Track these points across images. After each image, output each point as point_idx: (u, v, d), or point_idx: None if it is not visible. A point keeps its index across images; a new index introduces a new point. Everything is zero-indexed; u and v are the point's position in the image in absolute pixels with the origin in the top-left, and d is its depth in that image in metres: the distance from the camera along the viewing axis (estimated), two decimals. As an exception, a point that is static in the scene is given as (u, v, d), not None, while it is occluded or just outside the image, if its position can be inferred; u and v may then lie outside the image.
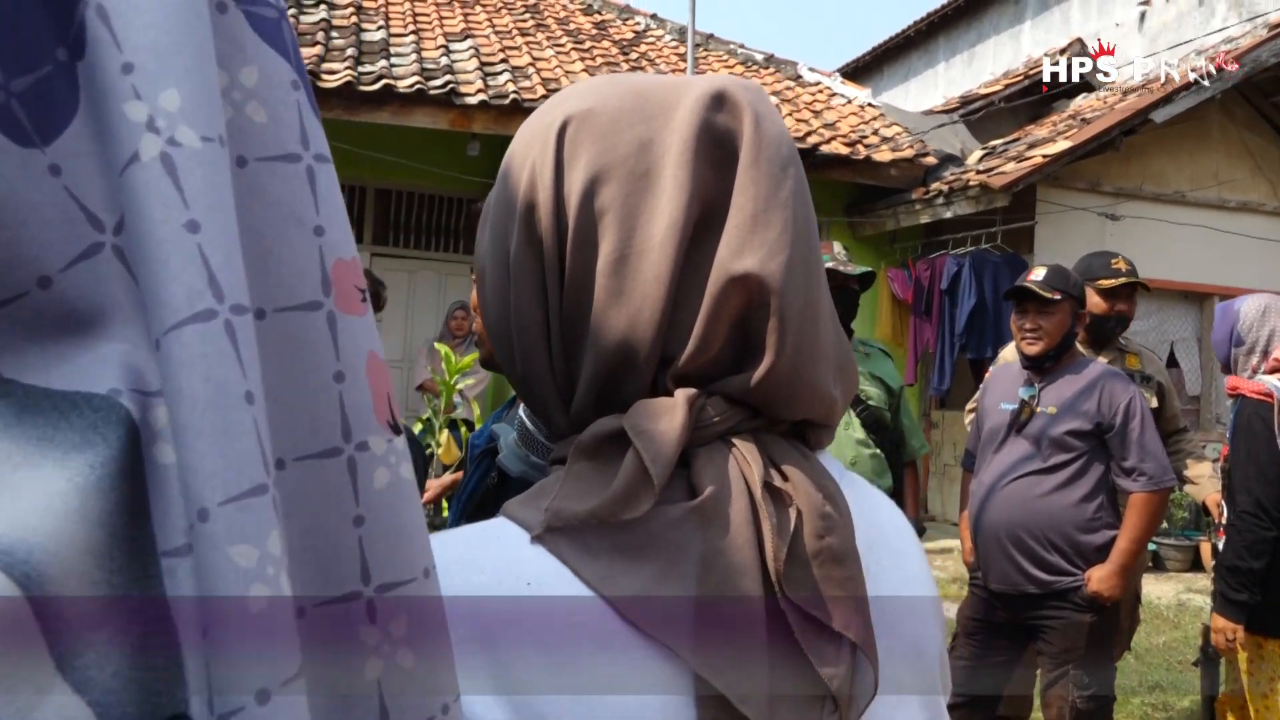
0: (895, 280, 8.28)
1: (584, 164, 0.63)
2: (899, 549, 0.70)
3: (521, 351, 0.65)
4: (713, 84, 0.64)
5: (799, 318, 0.62)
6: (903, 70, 17.02)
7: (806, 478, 0.61)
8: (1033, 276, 3.22)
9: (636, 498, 0.56)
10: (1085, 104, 9.30)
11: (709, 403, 0.61)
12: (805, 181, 0.66)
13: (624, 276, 0.61)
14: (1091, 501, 3.10)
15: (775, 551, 0.57)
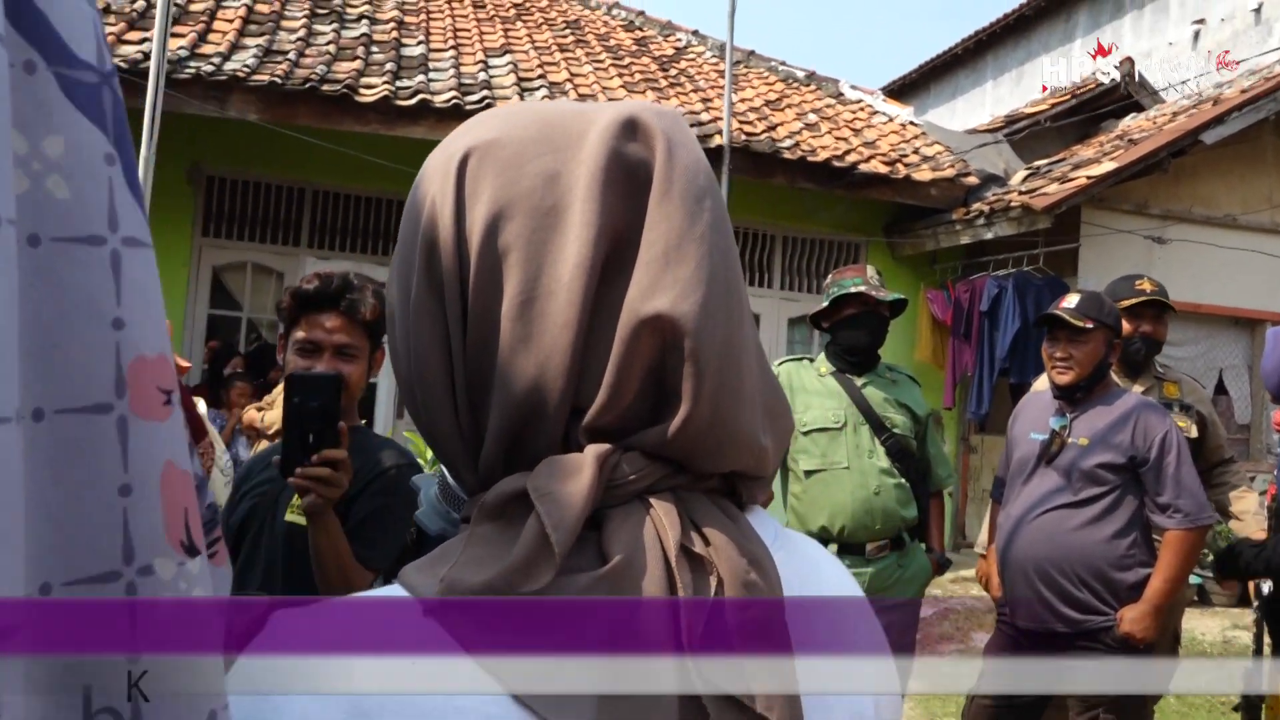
0: (935, 302, 8.14)
1: (486, 199, 0.58)
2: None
3: (425, 403, 0.60)
4: (623, 110, 0.59)
5: (718, 361, 0.56)
6: (950, 89, 16.85)
7: (730, 541, 0.55)
8: (1065, 304, 3.12)
9: (537, 568, 0.51)
10: (1134, 124, 9.11)
11: (624, 459, 0.56)
12: (725, 214, 0.61)
13: (530, 321, 0.56)
14: (1124, 538, 2.98)
15: (691, 624, 0.51)
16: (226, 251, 7.44)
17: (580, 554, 0.53)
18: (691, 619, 0.52)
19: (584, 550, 0.53)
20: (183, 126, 6.82)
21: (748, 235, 8.26)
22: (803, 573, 0.64)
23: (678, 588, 0.52)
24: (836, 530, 3.18)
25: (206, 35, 7.06)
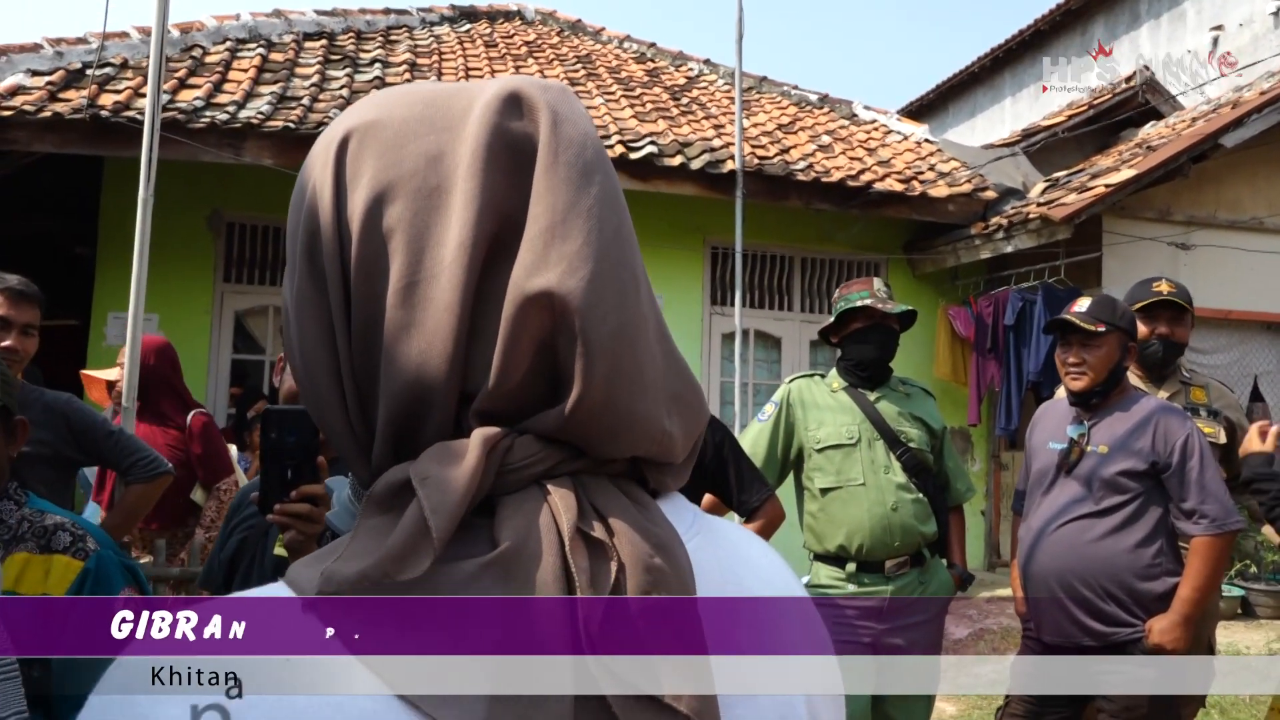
0: (957, 318, 8.06)
1: (367, 182, 0.56)
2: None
3: (315, 397, 0.58)
4: (506, 85, 0.57)
5: (611, 341, 0.54)
6: (968, 107, 16.80)
7: (633, 526, 0.52)
8: (1075, 308, 3.06)
9: (415, 555, 0.49)
10: (1153, 132, 9.01)
11: (517, 443, 0.53)
12: (617, 189, 0.58)
13: (414, 306, 0.54)
14: (1149, 546, 2.89)
15: (589, 612, 0.49)
16: (248, 296, 7.52)
17: (471, 542, 0.51)
18: (589, 607, 0.49)
19: (475, 538, 0.51)
20: (201, 175, 6.94)
21: (765, 258, 8.24)
22: (724, 560, 0.61)
23: (573, 574, 0.50)
24: (855, 548, 3.12)
25: (222, 85, 7.19)
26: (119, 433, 3.13)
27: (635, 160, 7.16)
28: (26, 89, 6.46)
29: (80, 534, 1.69)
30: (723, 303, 8.03)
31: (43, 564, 1.65)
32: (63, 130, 6.19)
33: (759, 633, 0.60)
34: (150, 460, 3.09)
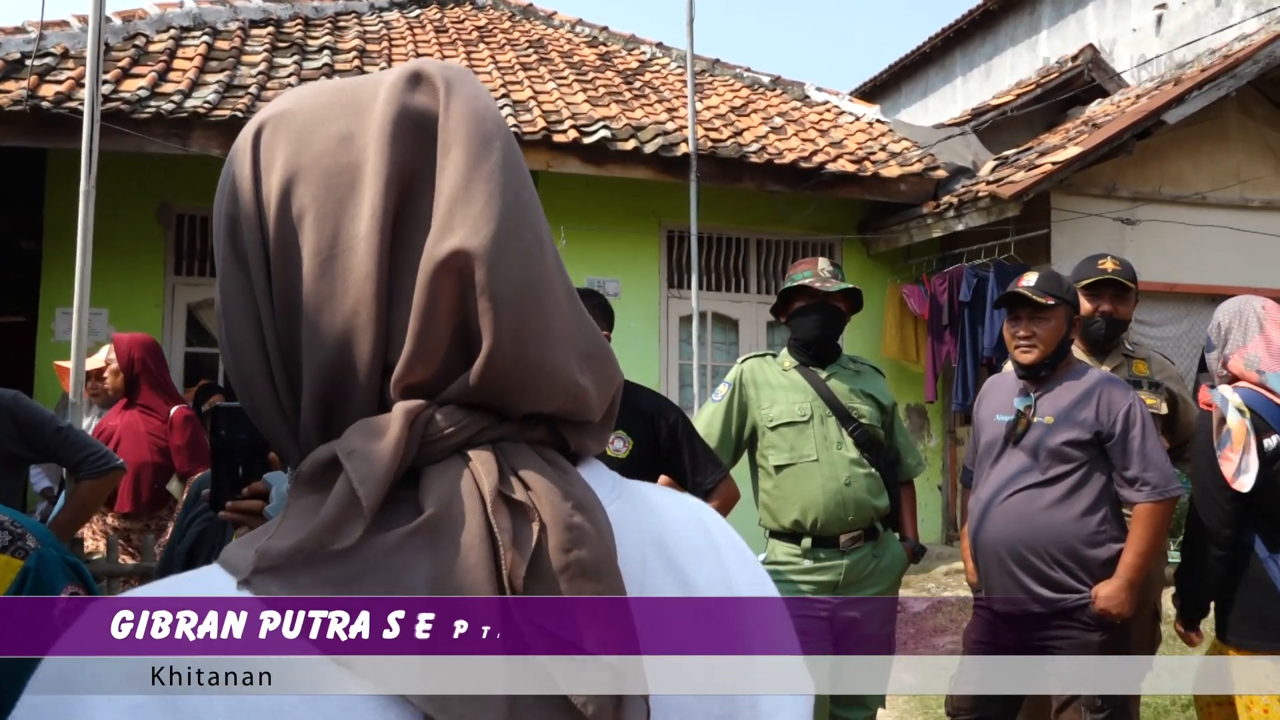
0: (911, 296, 8.15)
1: (280, 165, 0.59)
2: (682, 562, 0.63)
3: (244, 380, 0.60)
4: (408, 67, 0.61)
5: (517, 296, 0.56)
6: (921, 87, 16.92)
7: (552, 487, 0.55)
8: (1024, 282, 3.12)
9: (347, 524, 0.51)
10: (1099, 109, 9.16)
11: (439, 413, 0.55)
12: (518, 157, 0.61)
13: (332, 279, 0.56)
14: (1094, 514, 2.97)
15: (512, 568, 0.51)
16: (200, 289, 7.42)
17: (397, 513, 0.52)
18: (513, 563, 0.51)
19: (401, 509, 0.53)
20: (149, 166, 6.83)
21: (720, 241, 8.28)
22: (645, 520, 0.63)
23: (497, 533, 0.52)
24: (809, 523, 3.17)
25: (167, 74, 7.07)
26: (68, 429, 3.09)
27: (589, 145, 7.15)
28: (-37, 81, 6.31)
29: (19, 532, 1.68)
30: (679, 286, 8.07)
31: None
32: (3, 122, 6.06)
33: (680, 588, 0.62)
34: (100, 455, 3.05)
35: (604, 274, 7.73)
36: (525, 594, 0.51)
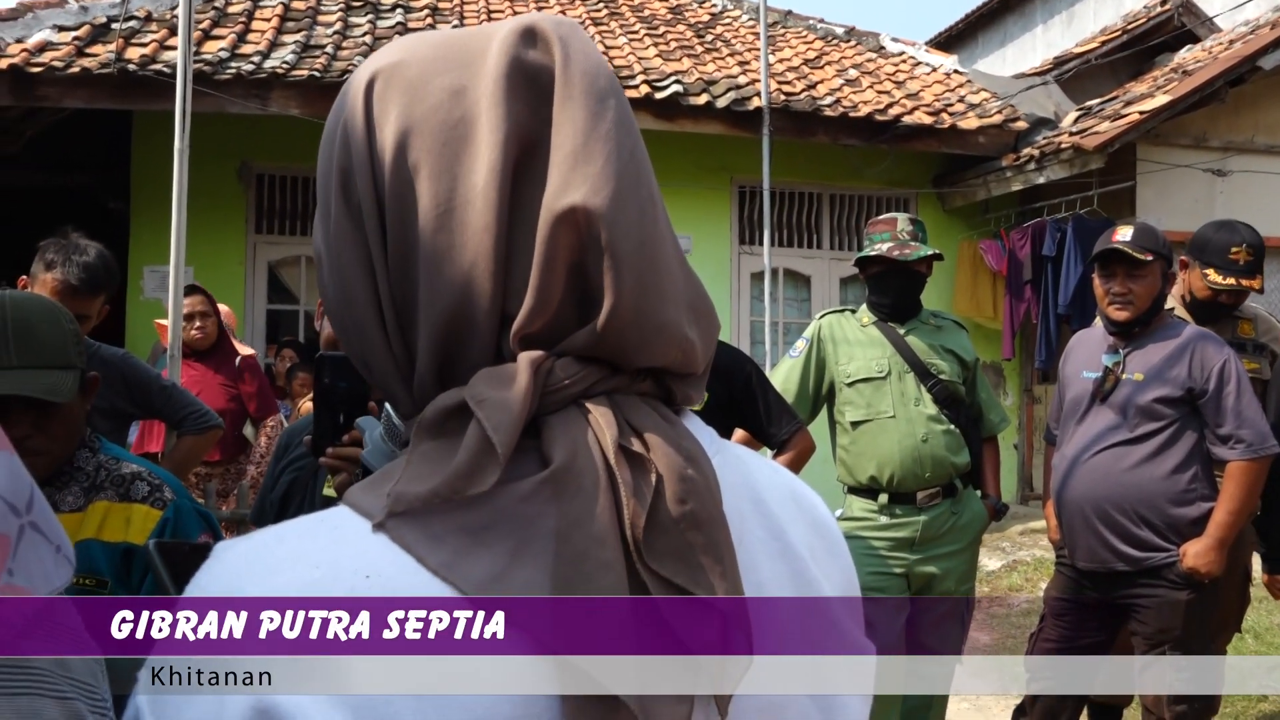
0: (989, 252, 7.98)
1: (394, 119, 0.59)
2: (778, 518, 0.65)
3: (355, 330, 0.62)
4: (520, 21, 0.61)
5: (636, 254, 0.57)
6: (999, 36, 16.39)
7: (665, 440, 0.57)
8: (1119, 236, 3.02)
9: (482, 471, 0.52)
10: (1189, 56, 8.80)
11: (558, 364, 0.56)
12: (630, 113, 0.62)
13: (450, 232, 0.57)
14: (1184, 472, 2.91)
15: (634, 518, 0.53)
16: (280, 247, 7.59)
17: (522, 463, 0.54)
18: (635, 513, 0.53)
19: (526, 459, 0.54)
20: (229, 127, 6.97)
21: (793, 196, 8.18)
22: (741, 475, 0.65)
23: (619, 484, 0.53)
24: (885, 480, 3.16)
25: (245, 36, 7.18)
26: (171, 387, 3.20)
27: (660, 100, 7.10)
28: (54, 45, 6.50)
29: (157, 483, 1.76)
30: (751, 242, 8.01)
31: (123, 512, 1.71)
32: (91, 85, 6.23)
33: (774, 542, 0.64)
34: (202, 414, 3.16)
35: (675, 230, 7.66)
36: (644, 542, 0.53)
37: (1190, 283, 3.35)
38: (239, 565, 0.53)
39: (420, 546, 0.52)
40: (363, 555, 0.52)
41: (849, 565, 0.70)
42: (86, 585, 1.65)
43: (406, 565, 0.52)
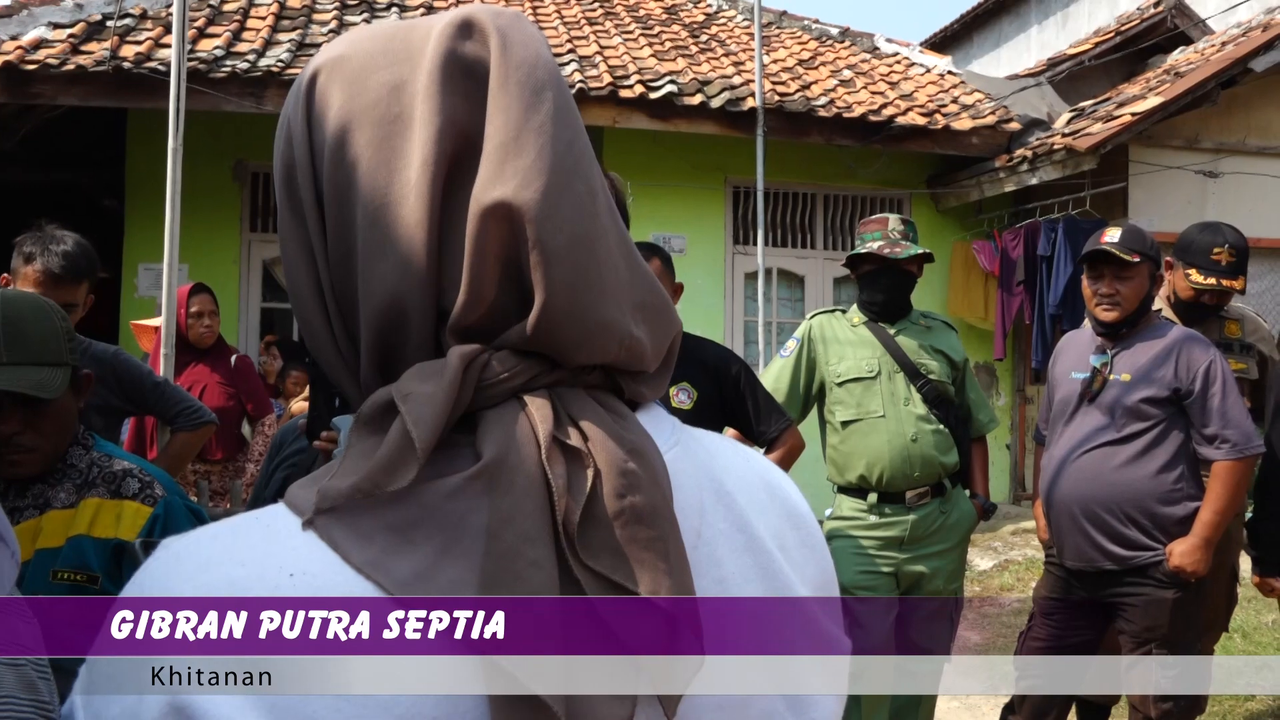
0: (981, 252, 8.00)
1: (334, 113, 0.59)
2: (744, 510, 0.63)
3: (305, 324, 0.62)
4: (458, 13, 0.60)
5: (568, 250, 0.56)
6: (993, 37, 16.43)
7: (607, 433, 0.55)
8: (1107, 238, 3.04)
9: (402, 466, 0.52)
10: (1181, 58, 8.83)
11: (495, 358, 0.56)
12: (571, 106, 0.61)
13: (385, 226, 0.57)
14: (1171, 472, 2.93)
15: (567, 514, 0.52)
16: (274, 245, 7.58)
17: (456, 457, 0.54)
18: (568, 509, 0.52)
19: (460, 454, 0.54)
20: (224, 125, 6.97)
21: (786, 196, 8.20)
22: (704, 466, 0.64)
23: (552, 478, 0.52)
24: (875, 479, 3.18)
25: (241, 34, 7.18)
26: (164, 383, 3.20)
27: (655, 100, 7.12)
28: (49, 42, 6.49)
29: (148, 480, 1.77)
30: (745, 242, 8.03)
31: (114, 509, 1.72)
32: (86, 83, 6.23)
33: (739, 535, 0.62)
34: (195, 410, 3.17)
35: (669, 230, 7.72)
36: (579, 539, 0.51)
37: (1174, 283, 3.39)
38: (173, 562, 0.53)
39: (346, 544, 0.51)
40: (290, 553, 0.52)
41: (825, 558, 0.69)
42: (78, 581, 1.66)
43: (331, 563, 0.51)
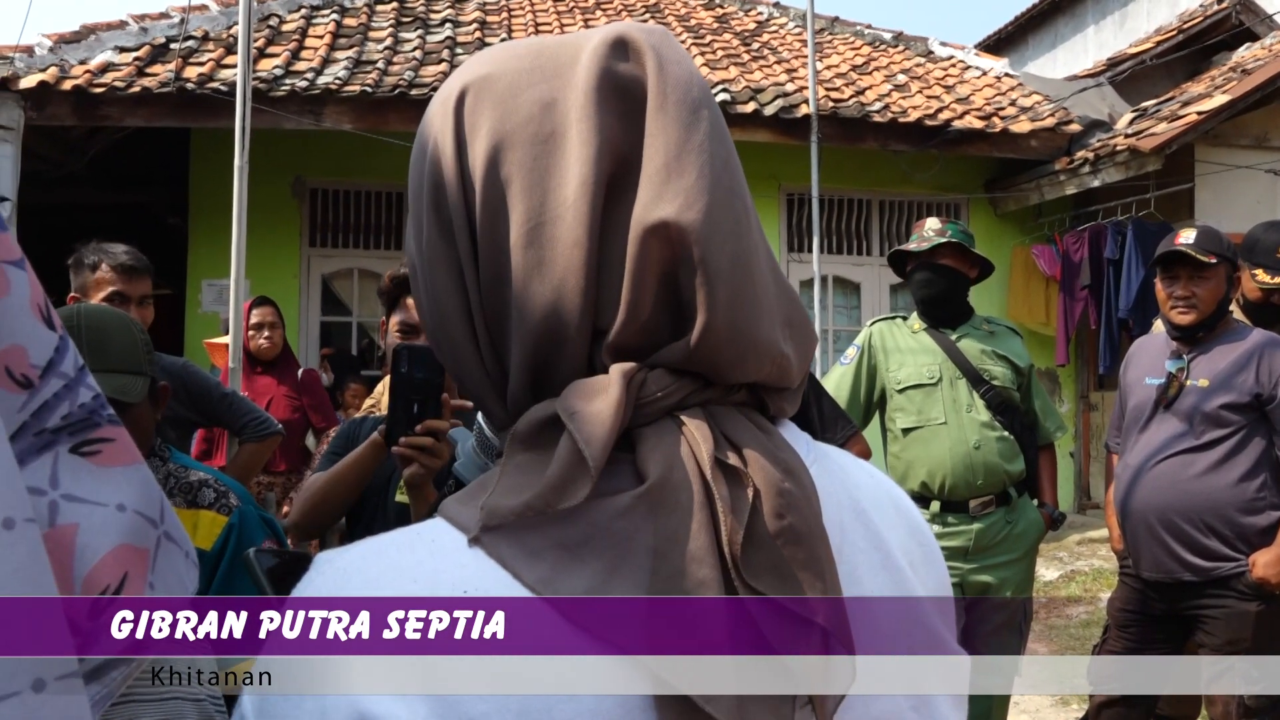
0: (1041, 257, 7.85)
1: (485, 133, 0.59)
2: (879, 527, 0.63)
3: (448, 344, 0.62)
4: (612, 31, 0.60)
5: (729, 270, 0.56)
6: (1049, 38, 16.17)
7: (762, 453, 0.55)
8: (1182, 239, 2.96)
9: (574, 484, 0.52)
10: (1248, 54, 8.60)
11: (650, 377, 0.56)
12: (723, 125, 0.60)
13: (541, 246, 0.57)
14: (1253, 480, 2.83)
15: (731, 534, 0.52)
16: (333, 260, 7.71)
17: (617, 476, 0.54)
18: (732, 529, 0.52)
19: (621, 472, 0.54)
20: (284, 142, 7.09)
21: (842, 203, 8.13)
22: (837, 486, 0.64)
23: (716, 499, 0.53)
24: (937, 487, 3.11)
25: (299, 53, 7.31)
26: (232, 395, 3.26)
27: (708, 109, 7.09)
28: (116, 65, 6.67)
29: (223, 490, 1.79)
30: (800, 249, 7.97)
31: (190, 518, 1.74)
32: (152, 104, 6.38)
33: (876, 553, 0.62)
34: (262, 420, 3.22)
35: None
36: (742, 559, 0.52)
37: (1241, 284, 3.28)
38: (339, 579, 0.53)
39: (516, 562, 0.51)
40: (460, 569, 0.52)
41: (944, 572, 0.69)
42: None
43: (503, 580, 0.51)
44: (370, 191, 7.65)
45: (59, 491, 0.66)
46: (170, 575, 0.73)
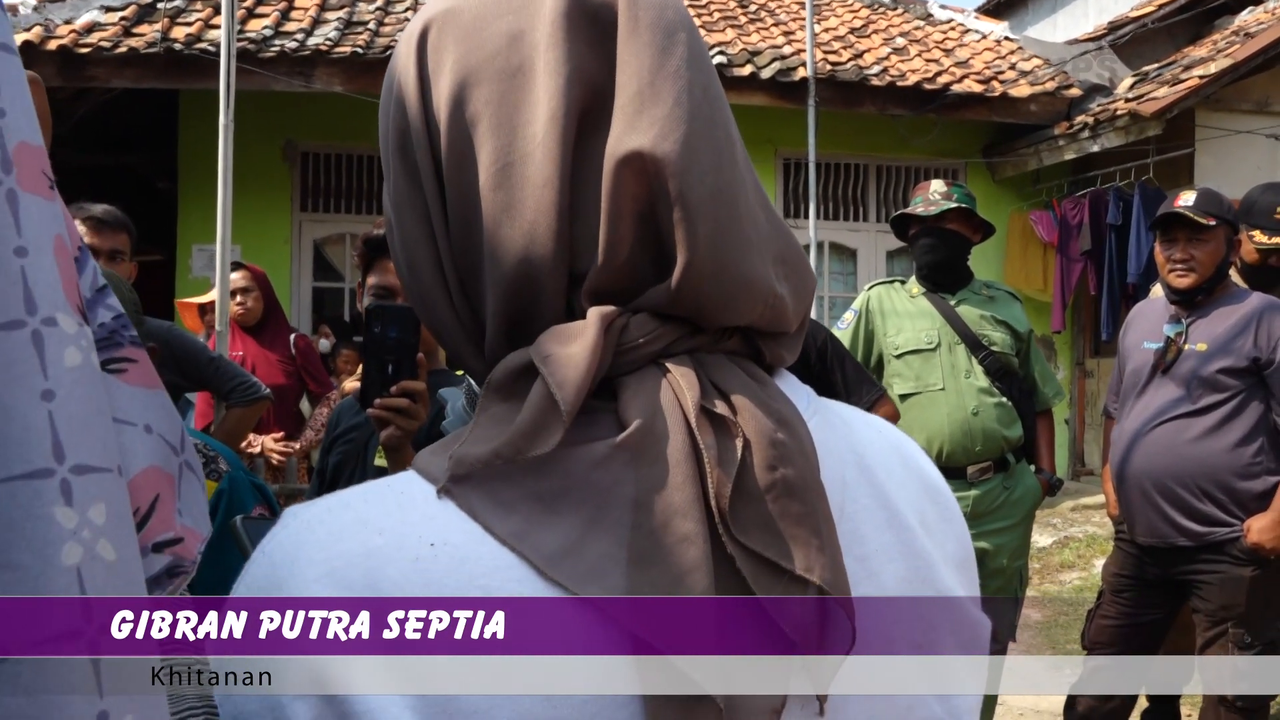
0: (1039, 222, 7.81)
1: (449, 70, 0.55)
2: (884, 484, 0.60)
3: (421, 295, 0.58)
4: None
5: (711, 203, 0.52)
6: (1049, 3, 16.01)
7: (754, 402, 0.52)
8: (1181, 201, 2.93)
9: (545, 430, 0.49)
10: (1251, 18, 8.51)
11: (632, 321, 0.52)
12: (703, 50, 0.56)
13: (511, 187, 0.53)
14: (1249, 445, 2.82)
15: (718, 487, 0.49)
16: (325, 225, 7.64)
17: (597, 424, 0.51)
18: (719, 482, 0.49)
19: (600, 420, 0.51)
20: (274, 105, 7.01)
21: (838, 168, 8.07)
22: (840, 439, 0.60)
23: (702, 450, 0.49)
24: (934, 453, 3.09)
25: (289, 14, 7.21)
26: (219, 358, 3.23)
27: (704, 71, 7.02)
28: (101, 25, 6.57)
29: (212, 455, 1.76)
30: (796, 215, 7.91)
31: None
32: (139, 65, 6.29)
33: (881, 511, 0.59)
34: (250, 385, 3.18)
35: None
36: (730, 513, 0.49)
37: (1238, 247, 3.25)
38: (304, 531, 0.51)
39: (487, 513, 0.49)
40: (428, 521, 0.50)
41: (963, 531, 0.65)
42: None
43: (473, 533, 0.49)
44: (362, 155, 7.57)
45: None
46: (194, 505, 0.71)
